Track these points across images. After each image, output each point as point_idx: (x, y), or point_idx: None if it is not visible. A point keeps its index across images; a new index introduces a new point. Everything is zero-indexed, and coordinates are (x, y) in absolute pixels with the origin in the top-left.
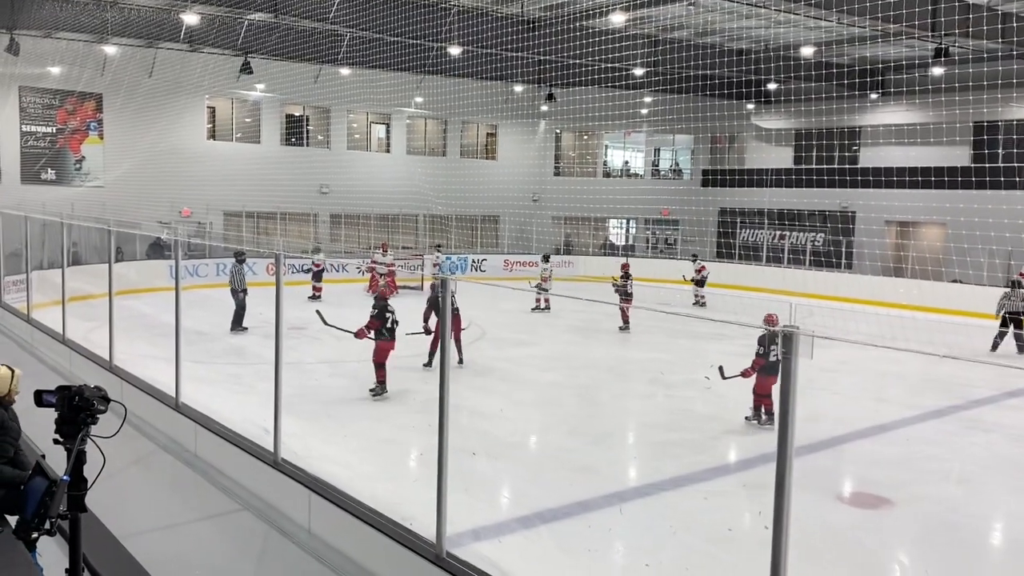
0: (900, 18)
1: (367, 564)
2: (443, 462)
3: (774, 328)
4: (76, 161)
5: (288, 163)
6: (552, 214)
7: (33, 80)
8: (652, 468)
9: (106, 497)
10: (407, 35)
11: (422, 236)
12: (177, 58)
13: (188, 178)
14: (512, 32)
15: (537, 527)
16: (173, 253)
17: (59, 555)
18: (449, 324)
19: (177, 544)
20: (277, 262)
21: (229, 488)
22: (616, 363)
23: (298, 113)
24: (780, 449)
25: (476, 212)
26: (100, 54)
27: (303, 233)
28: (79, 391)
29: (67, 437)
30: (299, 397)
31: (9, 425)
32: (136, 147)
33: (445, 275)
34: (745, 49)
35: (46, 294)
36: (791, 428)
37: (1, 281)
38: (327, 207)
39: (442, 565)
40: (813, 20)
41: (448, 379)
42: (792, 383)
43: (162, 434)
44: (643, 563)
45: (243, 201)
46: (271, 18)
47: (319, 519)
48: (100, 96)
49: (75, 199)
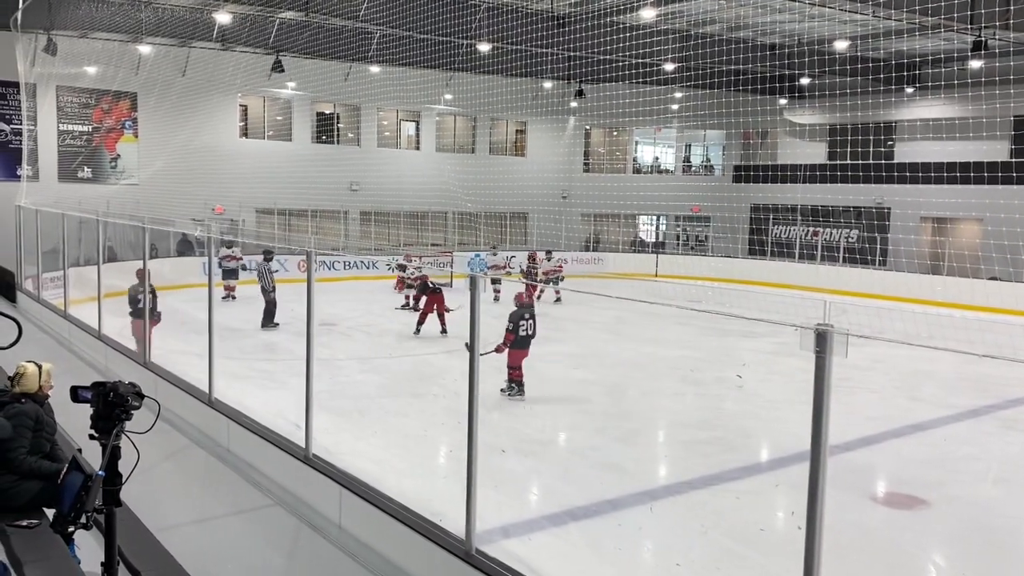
0: (937, 10)
1: (397, 560)
2: (473, 459)
3: (523, 305)
4: (111, 159)
5: (319, 161)
6: (581, 211)
7: (70, 80)
8: (683, 467)
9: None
10: (436, 32)
11: (451, 233)
12: (210, 57)
13: (221, 176)
14: (541, 28)
15: (567, 525)
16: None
17: (95, 548)
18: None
19: (209, 538)
20: (308, 259)
21: (261, 483)
22: (646, 361)
23: (329, 111)
24: (813, 449)
25: (505, 209)
26: (135, 54)
27: (334, 230)
28: (114, 387)
29: (102, 433)
30: (330, 393)
31: (45, 420)
32: (170, 145)
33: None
34: (778, 43)
35: (82, 290)
36: (824, 427)
37: (39, 278)
38: (357, 204)
39: (472, 562)
40: (847, 14)
41: (477, 376)
42: (826, 382)
43: (195, 429)
44: (674, 562)
45: (275, 198)
46: (302, 16)
47: (350, 515)
48: (135, 95)
49: (110, 196)
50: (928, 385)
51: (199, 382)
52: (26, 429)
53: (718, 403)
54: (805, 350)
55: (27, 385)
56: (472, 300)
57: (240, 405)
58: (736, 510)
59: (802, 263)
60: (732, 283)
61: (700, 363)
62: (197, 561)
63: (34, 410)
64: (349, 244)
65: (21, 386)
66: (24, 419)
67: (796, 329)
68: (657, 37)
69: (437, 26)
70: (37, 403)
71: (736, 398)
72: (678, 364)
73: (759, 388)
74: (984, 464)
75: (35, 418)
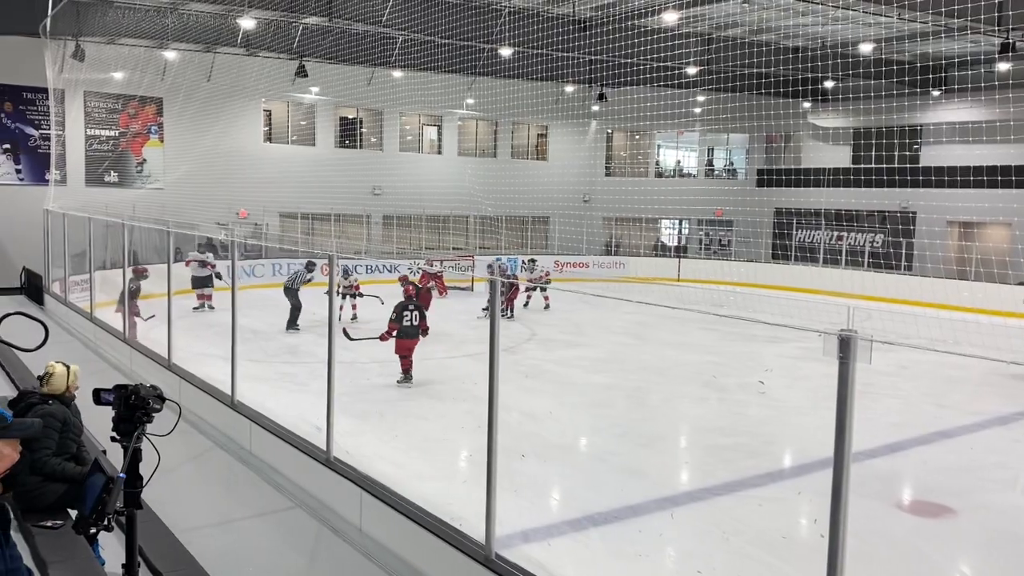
0: (964, 12)
1: (417, 563)
2: (492, 463)
3: (408, 297)
4: (137, 164)
5: (342, 165)
6: (603, 215)
7: (97, 85)
8: (704, 472)
9: (164, 493)
10: (459, 37)
11: (472, 237)
12: (234, 62)
13: (245, 180)
14: (563, 33)
15: (587, 530)
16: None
17: (119, 549)
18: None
19: (230, 540)
20: (331, 263)
21: (282, 485)
22: (668, 365)
23: (352, 116)
24: (837, 455)
25: (526, 213)
26: (160, 59)
27: (356, 234)
28: (135, 390)
29: (124, 435)
30: (351, 396)
31: (72, 421)
32: (195, 150)
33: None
34: (801, 46)
35: (108, 293)
36: (848, 433)
37: (66, 281)
38: (380, 208)
39: (491, 567)
40: (872, 16)
41: (497, 380)
42: (850, 388)
43: (218, 431)
44: (695, 569)
45: (298, 202)
46: (325, 21)
47: (370, 517)
48: (160, 100)
49: (136, 201)
50: (955, 392)
51: (222, 384)
52: (53, 431)
53: (741, 409)
54: (829, 356)
55: (55, 386)
56: (492, 303)
57: (262, 407)
58: (759, 517)
59: (826, 268)
60: (755, 288)
61: (723, 368)
62: (218, 563)
63: (62, 411)
64: (371, 248)
65: (49, 386)
66: (51, 420)
67: (820, 334)
68: (679, 40)
69: (459, 31)
70: (64, 404)
71: (759, 404)
72: (701, 369)
73: (783, 394)
74: (1013, 472)
75: (62, 419)
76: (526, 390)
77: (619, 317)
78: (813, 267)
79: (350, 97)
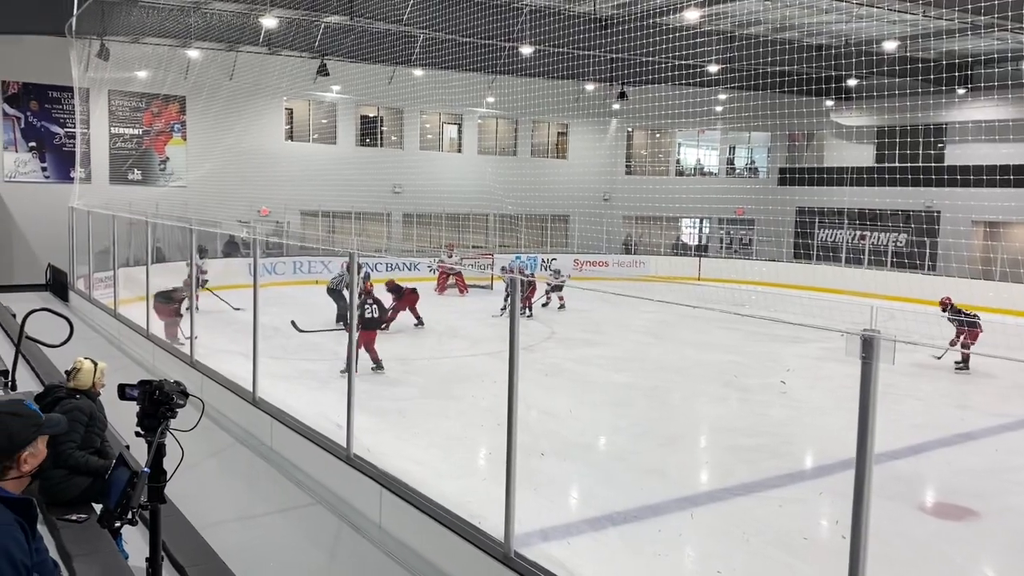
0: (990, 9)
1: (436, 561)
2: (512, 461)
3: (366, 292)
4: (161, 162)
5: (363, 163)
6: (623, 213)
7: (121, 84)
8: (724, 472)
9: (186, 488)
10: (479, 35)
11: (492, 236)
12: (256, 61)
13: (266, 178)
14: (584, 31)
15: (606, 529)
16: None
17: (142, 543)
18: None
19: (252, 535)
20: (352, 261)
21: (303, 482)
22: (688, 365)
23: (372, 114)
24: (859, 456)
25: (546, 211)
26: (183, 58)
27: (377, 232)
28: (159, 386)
29: (148, 430)
30: (371, 394)
31: (97, 416)
32: (217, 148)
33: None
34: (824, 44)
35: (131, 290)
36: (871, 434)
37: (91, 277)
38: (400, 207)
39: (510, 565)
40: (896, 14)
41: (517, 378)
42: (872, 388)
43: (239, 427)
44: (715, 569)
45: (319, 200)
46: (346, 20)
47: (389, 515)
48: (183, 99)
49: (160, 198)
50: (979, 393)
51: (244, 381)
52: (79, 424)
53: (763, 409)
54: (851, 356)
55: (82, 381)
56: (512, 301)
57: (283, 404)
58: (779, 518)
59: (849, 267)
60: (777, 287)
61: (744, 368)
62: (239, 558)
63: (88, 406)
64: (391, 246)
65: (76, 381)
66: (78, 415)
67: (842, 334)
68: (701, 38)
69: (480, 29)
70: (90, 399)
71: (780, 404)
72: (722, 369)
73: (804, 394)
74: None
75: (89, 414)
76: (545, 388)
77: (639, 316)
78: (835, 267)
79: (371, 96)
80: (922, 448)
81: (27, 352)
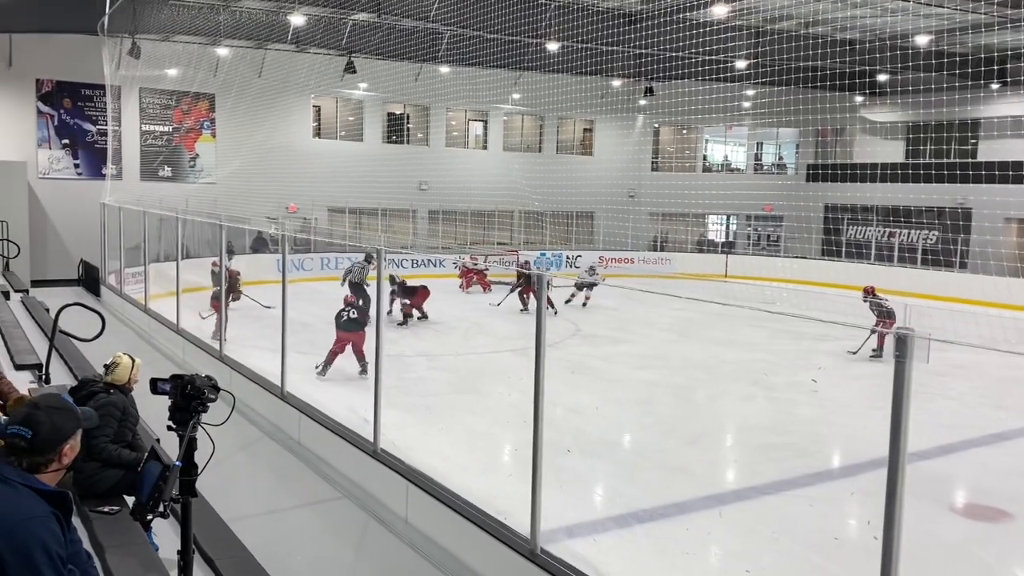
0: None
1: (462, 556)
2: (538, 458)
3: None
4: (190, 159)
5: (389, 160)
6: (649, 210)
7: (152, 82)
8: (752, 471)
9: (216, 482)
10: (505, 32)
11: (517, 232)
12: (285, 59)
13: (294, 175)
14: (611, 27)
15: (632, 527)
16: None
17: (172, 535)
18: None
19: (280, 529)
20: (378, 257)
21: (330, 476)
22: (715, 363)
23: (399, 111)
24: (892, 456)
25: (571, 208)
26: (213, 56)
27: (403, 229)
28: (191, 380)
29: (180, 424)
30: (398, 389)
31: (130, 411)
32: (246, 145)
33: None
34: (854, 39)
35: (162, 286)
36: (904, 434)
37: (122, 273)
38: (426, 204)
39: (536, 561)
40: (929, 8)
41: (543, 375)
42: (906, 387)
43: (267, 422)
44: (743, 569)
45: (346, 197)
46: (374, 18)
47: (416, 510)
48: (213, 96)
49: (189, 195)
50: (1014, 393)
51: (272, 375)
52: (112, 419)
53: (791, 407)
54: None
55: (119, 376)
56: (539, 298)
57: (311, 399)
58: (808, 517)
59: (878, 265)
60: (805, 285)
61: (772, 366)
62: (268, 551)
63: (121, 401)
64: (417, 242)
65: (113, 376)
66: (112, 409)
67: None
68: (729, 34)
69: (506, 26)
70: (124, 394)
71: (808, 403)
72: (750, 367)
73: (833, 393)
74: None
75: (122, 409)
76: (571, 385)
77: (665, 313)
78: (865, 264)
79: (398, 93)
80: (954, 448)
81: (60, 346)
